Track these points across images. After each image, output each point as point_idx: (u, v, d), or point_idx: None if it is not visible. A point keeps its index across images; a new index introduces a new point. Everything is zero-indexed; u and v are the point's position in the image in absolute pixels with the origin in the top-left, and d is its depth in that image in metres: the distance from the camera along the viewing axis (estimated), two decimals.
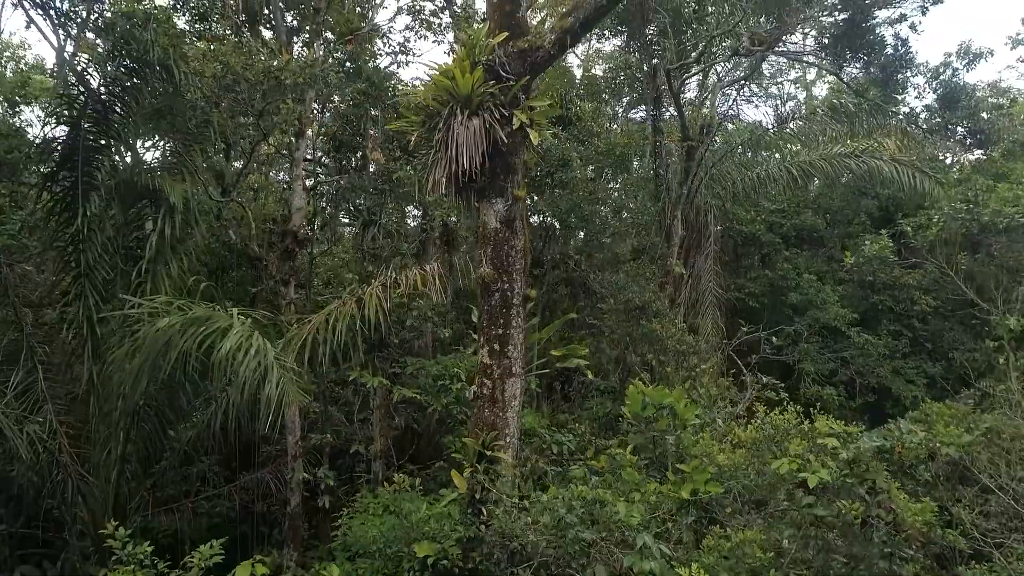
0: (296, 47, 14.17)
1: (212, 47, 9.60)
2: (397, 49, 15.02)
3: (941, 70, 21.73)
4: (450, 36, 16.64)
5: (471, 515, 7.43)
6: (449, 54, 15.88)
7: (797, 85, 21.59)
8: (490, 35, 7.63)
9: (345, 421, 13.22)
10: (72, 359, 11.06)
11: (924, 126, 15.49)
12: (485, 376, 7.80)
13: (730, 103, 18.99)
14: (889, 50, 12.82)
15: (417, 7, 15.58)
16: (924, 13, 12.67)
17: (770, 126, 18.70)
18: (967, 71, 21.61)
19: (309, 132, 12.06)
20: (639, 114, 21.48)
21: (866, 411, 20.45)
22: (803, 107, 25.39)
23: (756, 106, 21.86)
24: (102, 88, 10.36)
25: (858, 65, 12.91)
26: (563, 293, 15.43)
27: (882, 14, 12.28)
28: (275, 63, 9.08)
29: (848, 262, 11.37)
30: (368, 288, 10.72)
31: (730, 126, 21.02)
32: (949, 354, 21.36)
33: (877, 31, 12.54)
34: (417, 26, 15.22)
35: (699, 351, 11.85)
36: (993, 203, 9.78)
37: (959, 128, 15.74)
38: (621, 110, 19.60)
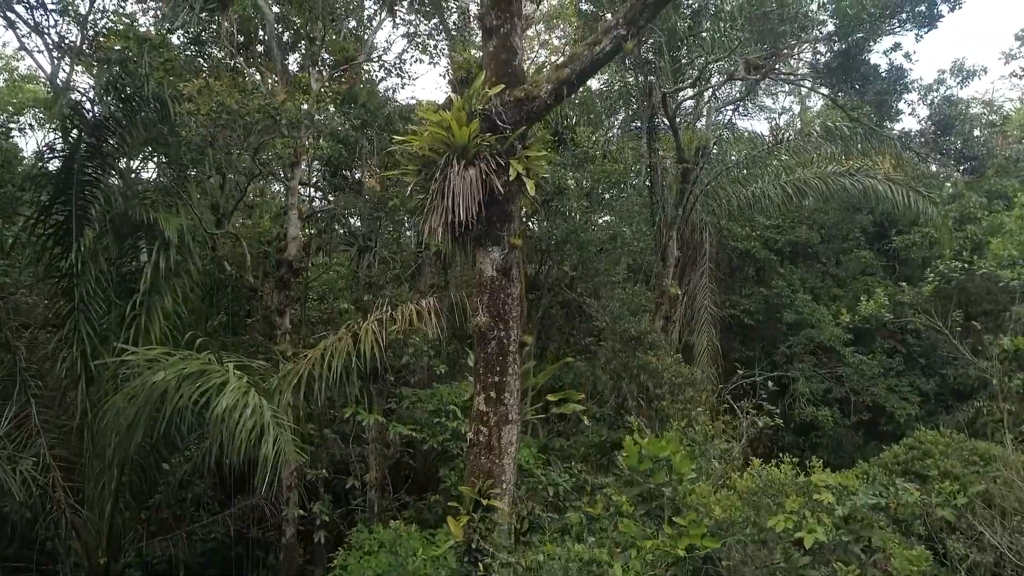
0: (291, 64, 14.17)
1: (208, 81, 9.53)
2: (393, 71, 15.03)
3: (935, 87, 21.84)
4: (444, 61, 16.67)
5: (467, 563, 7.43)
6: (445, 76, 15.85)
7: (793, 98, 21.66)
8: (486, 83, 7.62)
9: (341, 443, 13.21)
10: (66, 391, 11.03)
11: (919, 150, 15.53)
12: (481, 423, 7.79)
13: (726, 122, 19.00)
14: (883, 75, 12.81)
15: (412, 30, 15.60)
16: (918, 40, 12.68)
17: (766, 141, 18.68)
18: (961, 88, 21.80)
19: (304, 160, 12.02)
20: (635, 124, 21.54)
21: (860, 428, 20.58)
22: (798, 120, 25.50)
23: (751, 118, 21.82)
24: (96, 121, 10.32)
25: (853, 92, 12.93)
26: (558, 313, 15.42)
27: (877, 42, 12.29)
28: (270, 102, 9.03)
29: (844, 319, 11.39)
30: (364, 323, 10.73)
31: (726, 132, 21.05)
32: (943, 370, 21.47)
33: (871, 61, 12.57)
34: (413, 50, 15.22)
35: (695, 381, 11.87)
36: (990, 257, 9.77)
37: (953, 150, 15.77)
38: (617, 127, 19.58)
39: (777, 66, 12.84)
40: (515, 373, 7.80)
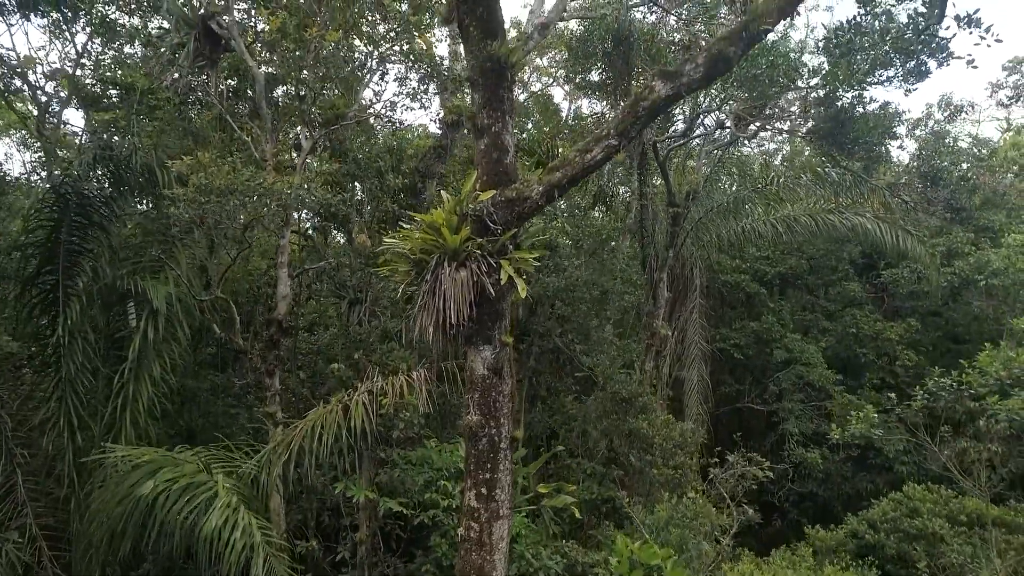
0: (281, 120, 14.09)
1: (197, 155, 9.47)
2: (383, 118, 14.98)
3: (923, 121, 21.98)
4: (435, 105, 16.64)
5: None
6: (435, 121, 15.78)
7: (783, 136, 21.77)
8: (477, 181, 7.60)
9: (329, 514, 13.07)
10: (54, 461, 10.94)
11: (907, 197, 15.64)
12: (472, 519, 7.76)
13: (716, 160, 19.05)
14: (871, 126, 12.87)
15: (401, 75, 15.56)
16: (908, 95, 12.70)
17: (756, 181, 18.74)
18: (948, 123, 21.95)
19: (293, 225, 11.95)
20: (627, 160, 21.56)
21: (849, 462, 20.68)
22: (788, 151, 25.59)
23: (743, 146, 21.87)
24: (82, 199, 10.21)
25: (842, 153, 13.00)
26: (549, 359, 15.40)
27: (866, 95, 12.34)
28: (260, 182, 8.97)
29: (834, 436, 11.42)
30: (354, 395, 10.69)
31: (717, 173, 21.09)
32: (932, 403, 21.60)
33: (861, 112, 12.62)
34: (404, 98, 15.18)
35: (685, 443, 11.89)
36: (977, 369, 9.75)
37: (941, 200, 15.89)
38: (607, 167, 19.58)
39: (766, 123, 12.87)
40: (506, 469, 7.78)
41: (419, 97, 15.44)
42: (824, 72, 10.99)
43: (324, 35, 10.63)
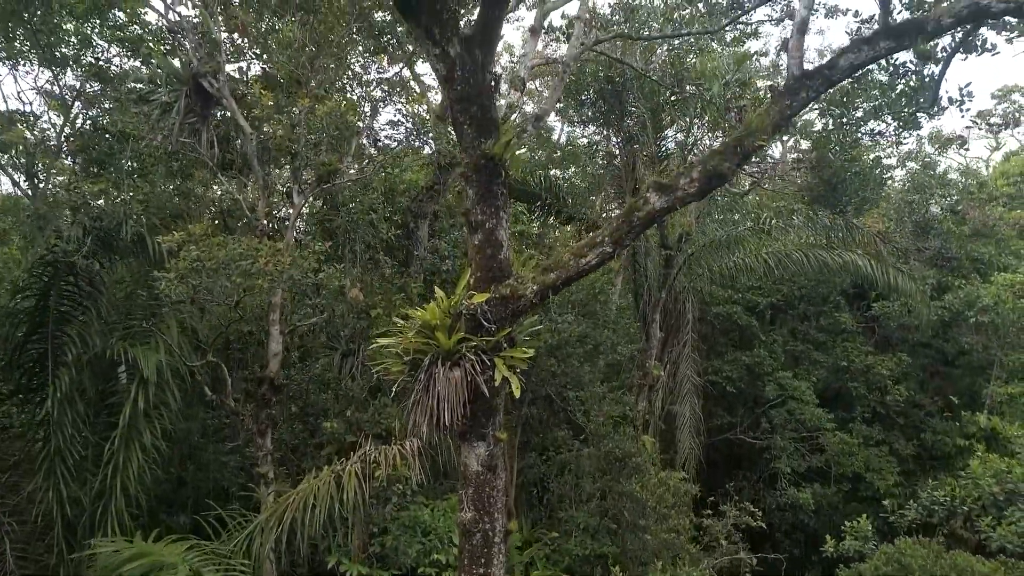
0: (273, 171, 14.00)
1: (188, 229, 9.41)
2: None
3: (913, 154, 22.08)
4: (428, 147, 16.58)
5: None
6: (430, 163, 15.72)
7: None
8: (471, 276, 7.57)
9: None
10: (44, 533, 10.84)
11: (897, 243, 15.72)
12: None
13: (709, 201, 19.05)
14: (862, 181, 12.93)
15: (397, 119, 15.54)
16: (898, 146, 12.82)
17: (749, 217, 18.79)
18: (939, 155, 22.07)
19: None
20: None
21: (840, 497, 20.79)
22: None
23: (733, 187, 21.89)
24: (72, 270, 10.12)
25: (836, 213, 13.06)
26: (542, 407, 15.38)
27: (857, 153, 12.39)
28: (252, 261, 8.91)
29: (829, 548, 11.43)
30: (347, 464, 10.64)
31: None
32: (921, 434, 21.78)
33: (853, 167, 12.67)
34: (401, 138, 15.18)
35: (679, 503, 11.90)
36: (975, 471, 9.74)
37: (930, 251, 15.98)
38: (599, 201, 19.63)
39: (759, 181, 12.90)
40: (500, 563, 7.76)
41: (411, 138, 15.44)
42: (816, 135, 11.02)
43: (315, 107, 10.57)
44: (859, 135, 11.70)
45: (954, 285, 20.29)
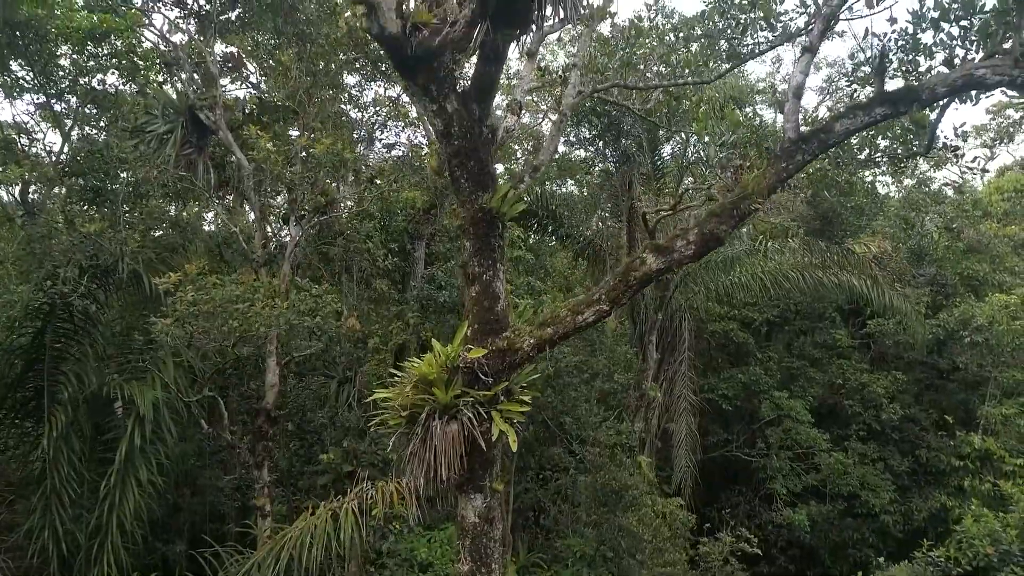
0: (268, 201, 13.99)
1: (185, 268, 9.39)
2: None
3: (909, 171, 22.10)
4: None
5: None
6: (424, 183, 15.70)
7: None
8: (468, 328, 7.58)
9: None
10: (40, 570, 10.83)
11: (893, 267, 15.77)
12: None
13: None
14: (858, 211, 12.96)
15: (394, 142, 15.54)
16: (894, 176, 12.86)
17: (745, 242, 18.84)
18: (934, 171, 22.14)
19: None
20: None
21: (836, 514, 20.84)
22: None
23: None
24: (69, 301, 10.11)
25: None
26: (538, 430, 15.41)
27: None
28: (249, 304, 8.90)
29: None
30: (344, 502, 10.65)
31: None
32: (915, 451, 21.84)
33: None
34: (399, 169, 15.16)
35: (675, 536, 11.93)
36: (970, 529, 9.66)
37: (925, 276, 16.05)
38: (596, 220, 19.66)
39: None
40: None
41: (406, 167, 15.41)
42: (812, 173, 11.04)
43: (312, 145, 10.57)
44: (855, 177, 11.70)
45: (948, 304, 20.36)
